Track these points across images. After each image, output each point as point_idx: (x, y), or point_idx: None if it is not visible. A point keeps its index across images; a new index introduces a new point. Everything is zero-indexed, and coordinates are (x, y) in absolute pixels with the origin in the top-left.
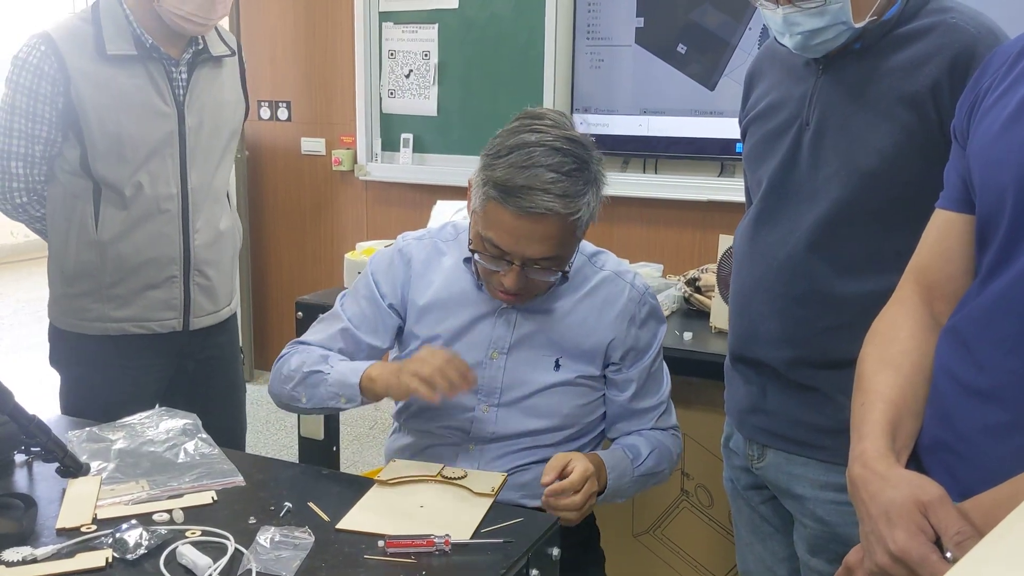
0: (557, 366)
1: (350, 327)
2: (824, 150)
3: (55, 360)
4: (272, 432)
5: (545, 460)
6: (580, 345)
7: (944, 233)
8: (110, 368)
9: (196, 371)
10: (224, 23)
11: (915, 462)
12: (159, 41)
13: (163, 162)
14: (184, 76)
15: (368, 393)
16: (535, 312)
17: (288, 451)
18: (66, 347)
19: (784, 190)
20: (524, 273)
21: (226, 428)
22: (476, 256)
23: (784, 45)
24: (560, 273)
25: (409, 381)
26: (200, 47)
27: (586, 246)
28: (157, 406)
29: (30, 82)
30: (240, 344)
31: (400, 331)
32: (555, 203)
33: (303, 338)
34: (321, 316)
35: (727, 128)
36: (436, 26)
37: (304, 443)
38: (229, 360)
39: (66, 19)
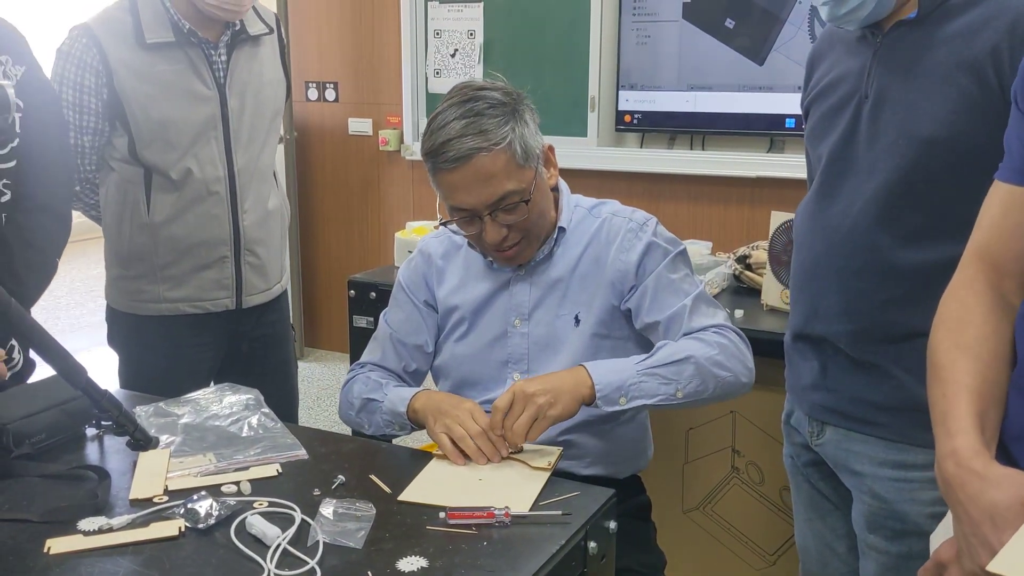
0: (577, 321)
1: (394, 334)
2: (882, 121)
3: (113, 340)
4: (324, 408)
5: (585, 421)
6: (592, 293)
7: (1007, 207)
8: (165, 348)
9: (249, 350)
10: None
11: (1002, 451)
12: (196, 26)
13: (208, 145)
14: (224, 58)
15: (417, 423)
16: (547, 273)
17: (342, 427)
18: (123, 328)
19: (843, 164)
20: (497, 222)
21: (280, 403)
22: (455, 227)
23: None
24: (523, 203)
25: (439, 436)
26: (237, 28)
27: (585, 200)
28: (212, 384)
29: (75, 75)
30: (291, 321)
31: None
32: (474, 141)
33: (362, 359)
34: (373, 336)
35: (776, 103)
36: (481, 5)
37: None
38: (281, 337)
39: (105, 10)
